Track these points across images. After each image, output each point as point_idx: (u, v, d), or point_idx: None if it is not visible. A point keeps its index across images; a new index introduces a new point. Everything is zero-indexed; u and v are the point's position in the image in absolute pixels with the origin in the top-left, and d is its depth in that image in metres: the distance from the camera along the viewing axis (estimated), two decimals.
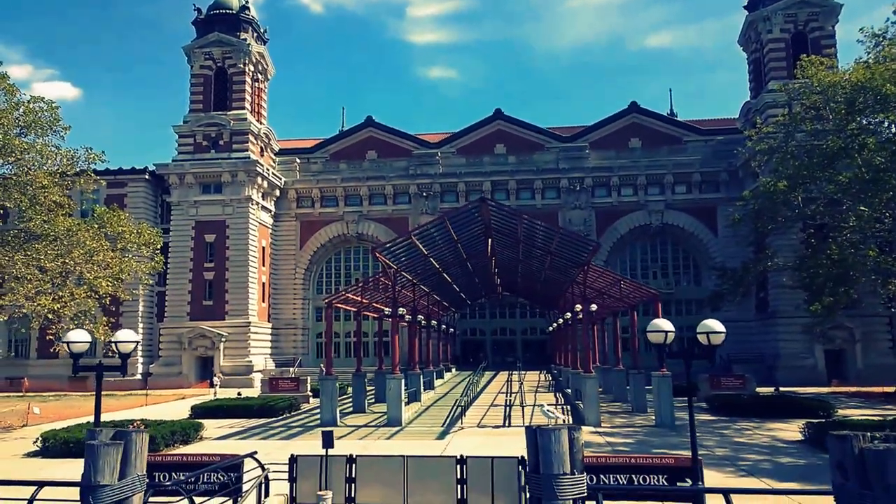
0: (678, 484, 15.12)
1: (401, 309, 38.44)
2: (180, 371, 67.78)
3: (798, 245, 57.34)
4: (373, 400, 44.40)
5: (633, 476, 15.91)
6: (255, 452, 17.25)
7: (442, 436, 30.50)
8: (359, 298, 40.08)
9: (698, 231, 71.79)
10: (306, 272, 77.86)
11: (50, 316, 34.48)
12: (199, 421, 31.68)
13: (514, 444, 27.32)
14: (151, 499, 13.05)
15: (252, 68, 74.88)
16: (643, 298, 40.26)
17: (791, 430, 30.01)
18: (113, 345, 16.64)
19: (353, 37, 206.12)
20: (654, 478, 15.10)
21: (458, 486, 16.96)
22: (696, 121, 79.00)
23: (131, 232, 37.31)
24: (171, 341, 68.30)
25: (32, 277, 32.48)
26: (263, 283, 73.80)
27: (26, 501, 13.22)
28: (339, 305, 39.79)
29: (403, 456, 17.94)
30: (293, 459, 17.58)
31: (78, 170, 36.42)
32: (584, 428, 32.36)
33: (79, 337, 16.62)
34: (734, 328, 65.07)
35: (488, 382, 56.02)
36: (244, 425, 35.28)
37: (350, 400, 43.49)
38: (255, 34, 76.80)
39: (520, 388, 45.96)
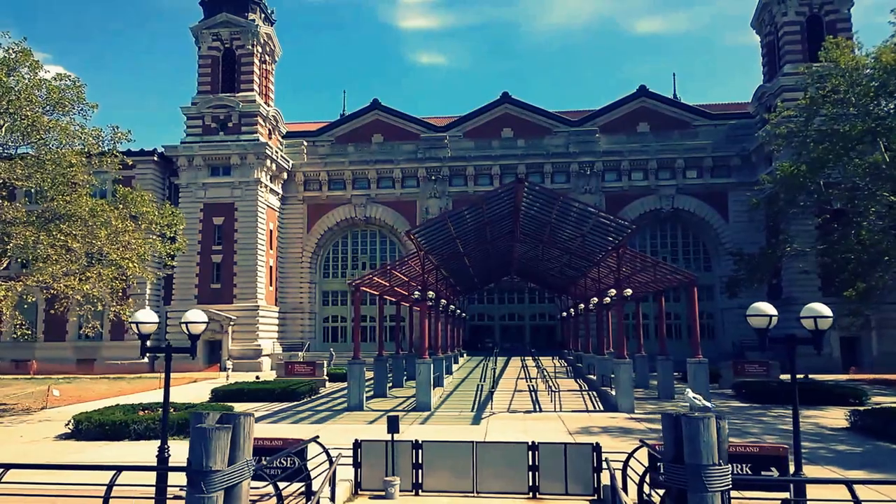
0: (763, 473, 14.63)
1: (430, 293, 37.79)
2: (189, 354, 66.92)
3: (813, 231, 57.03)
4: (390, 385, 43.90)
5: None
6: (318, 437, 16.78)
7: (476, 420, 30.07)
8: (385, 282, 39.50)
9: (709, 216, 71.40)
10: (313, 256, 77.24)
11: (79, 298, 33.85)
12: (231, 405, 31.15)
13: (553, 429, 27.03)
14: None
15: (260, 49, 73.96)
16: (675, 283, 39.74)
17: (830, 417, 29.69)
18: (183, 325, 16.09)
19: (345, 22, 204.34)
20: (738, 467, 14.56)
21: (530, 473, 16.60)
22: (705, 105, 78.39)
23: (153, 212, 36.61)
24: (178, 325, 67.45)
25: (59, 258, 31.80)
26: (271, 267, 73.16)
27: (105, 486, 12.67)
28: (364, 289, 39.13)
29: (472, 441, 17.55)
30: (357, 444, 17.17)
31: (105, 149, 35.70)
32: (619, 414, 32.12)
33: (147, 317, 16.23)
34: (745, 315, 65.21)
35: (504, 368, 55.58)
36: (269, 409, 34.97)
37: (369, 384, 43.03)
38: (263, 15, 75.85)
39: (544, 374, 45.60)
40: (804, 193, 51.34)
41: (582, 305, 52.57)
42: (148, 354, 64.90)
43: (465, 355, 67.90)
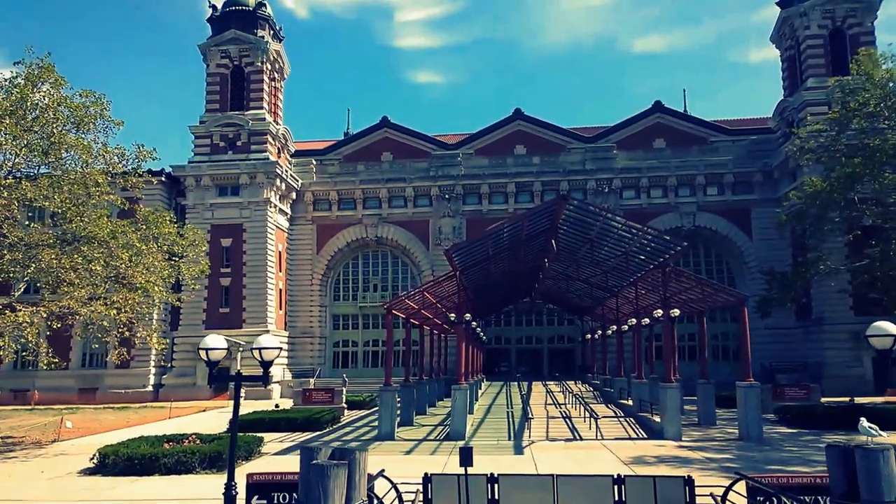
0: None
1: (466, 315, 35.88)
2: (194, 382, 65.04)
3: (842, 248, 55.35)
4: (412, 412, 41.96)
5: (819, 498, 14.30)
6: (384, 471, 15.04)
7: (519, 450, 28.45)
8: (414, 305, 37.61)
9: (732, 234, 69.65)
10: (323, 278, 75.24)
11: (106, 323, 32.11)
12: (259, 435, 29.13)
13: (605, 459, 25.37)
14: None
15: (269, 66, 72.56)
16: (720, 302, 37.86)
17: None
18: (255, 352, 14.67)
19: (342, 41, 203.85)
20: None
21: None
22: (722, 121, 77.06)
23: (175, 234, 34.95)
24: (185, 351, 65.49)
25: (82, 282, 30.12)
26: (281, 290, 71.19)
27: None
28: (396, 312, 37.21)
29: (552, 475, 15.74)
30: (427, 479, 15.43)
31: (129, 168, 34.29)
32: (666, 442, 30.34)
33: (216, 343, 14.88)
34: (775, 335, 63.50)
35: (528, 393, 53.63)
36: (295, 439, 33.36)
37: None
38: (272, 31, 74.48)
39: (575, 399, 43.70)
40: (835, 209, 49.67)
41: (614, 327, 50.56)
42: (152, 384, 63.81)
43: (485, 380, 65.86)
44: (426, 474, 15.48)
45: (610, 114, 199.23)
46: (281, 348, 15.64)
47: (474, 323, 46.86)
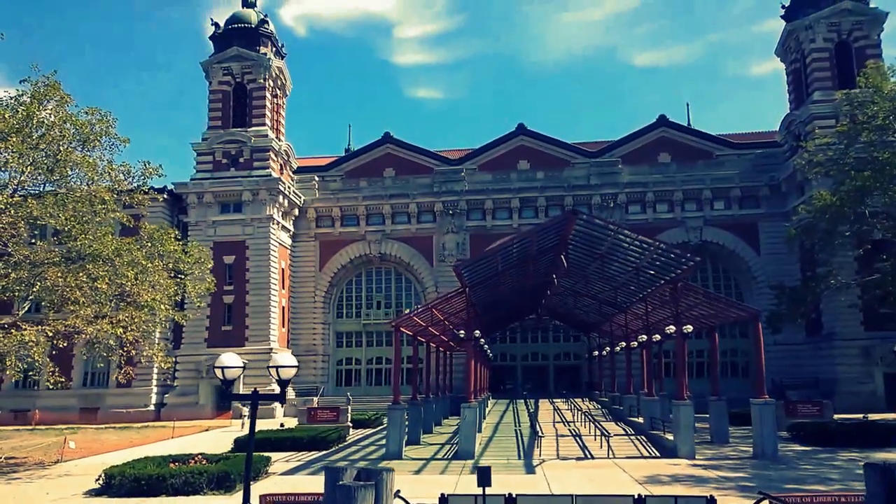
0: None
1: (476, 332, 35.25)
2: (197, 401, 64.33)
3: (852, 262, 54.77)
4: (420, 431, 41.31)
5: None
6: (399, 491, 14.41)
7: (530, 469, 27.99)
8: (422, 322, 36.97)
9: (739, 249, 68.96)
10: (326, 295, 74.55)
11: (112, 342, 31.61)
12: (266, 455, 28.52)
13: (618, 479, 25.03)
14: None
15: (272, 83, 72.28)
16: (733, 318, 37.23)
17: None
18: (272, 370, 14.57)
19: (341, 58, 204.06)
20: None
21: None
22: (727, 135, 76.54)
23: (181, 251, 34.50)
24: (187, 370, 64.76)
25: (87, 300, 29.66)
26: (283, 308, 70.52)
27: None
28: (403, 329, 36.60)
29: (571, 495, 15.21)
30: (444, 499, 14.94)
31: (134, 185, 33.98)
32: (679, 460, 29.75)
33: (232, 362, 14.70)
34: (784, 351, 62.69)
35: (535, 411, 52.93)
36: (301, 458, 32.87)
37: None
38: (274, 48, 74.25)
39: (584, 417, 42.97)
40: (845, 223, 49.12)
41: (622, 344, 49.85)
42: (154, 403, 63.09)
43: (490, 398, 65.09)
44: (442, 495, 14.99)
45: (611, 127, 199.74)
46: (297, 366, 15.28)
47: (482, 340, 46.22)
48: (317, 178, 76.24)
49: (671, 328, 33.99)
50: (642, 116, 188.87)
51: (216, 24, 73.17)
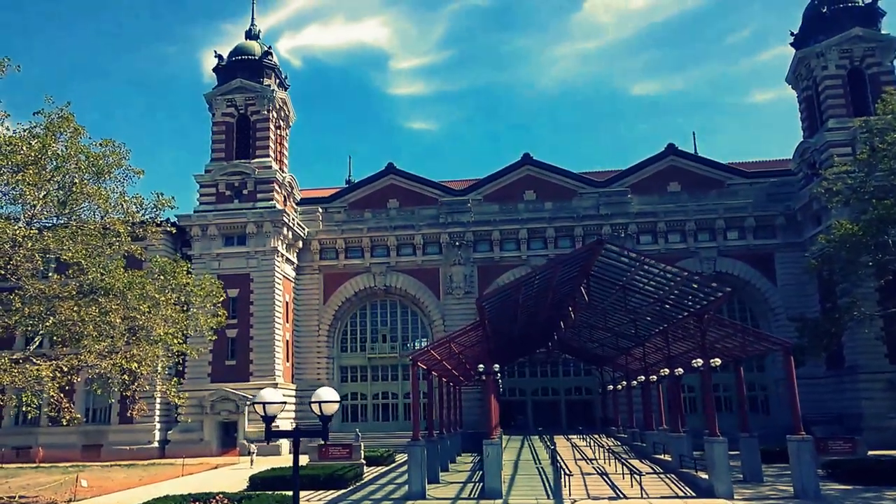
0: None
1: (495, 366, 33.83)
2: (201, 438, 62.64)
3: (874, 293, 53.37)
4: (438, 469, 39.78)
5: None
6: None
7: None
8: (437, 356, 35.56)
9: (755, 279, 67.61)
10: (330, 329, 72.96)
11: (126, 377, 30.42)
12: (287, 493, 27.13)
13: None
14: None
15: (275, 115, 71.48)
16: (761, 350, 35.78)
17: None
18: (314, 406, 14.59)
19: (338, 90, 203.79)
20: None
21: None
22: (738, 163, 75.71)
23: (193, 283, 33.40)
24: (191, 405, 62.65)
25: (101, 335, 28.55)
26: (287, 342, 68.92)
27: None
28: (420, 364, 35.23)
29: None
30: None
31: (146, 217, 33.30)
32: (718, 501, 28.50)
33: (272, 397, 14.37)
34: (804, 386, 59.91)
35: (554, 447, 51.36)
36: (322, 497, 32.21)
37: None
38: (277, 80, 73.55)
39: (608, 454, 41.40)
40: (867, 253, 47.77)
41: (641, 377, 48.27)
42: (158, 440, 61.40)
43: (503, 434, 63.36)
44: None
45: (611, 156, 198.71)
46: (340, 401, 15.75)
47: (499, 375, 44.80)
48: (320, 210, 75.05)
49: (699, 361, 32.64)
50: (644, 143, 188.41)
51: (220, 56, 72.62)
